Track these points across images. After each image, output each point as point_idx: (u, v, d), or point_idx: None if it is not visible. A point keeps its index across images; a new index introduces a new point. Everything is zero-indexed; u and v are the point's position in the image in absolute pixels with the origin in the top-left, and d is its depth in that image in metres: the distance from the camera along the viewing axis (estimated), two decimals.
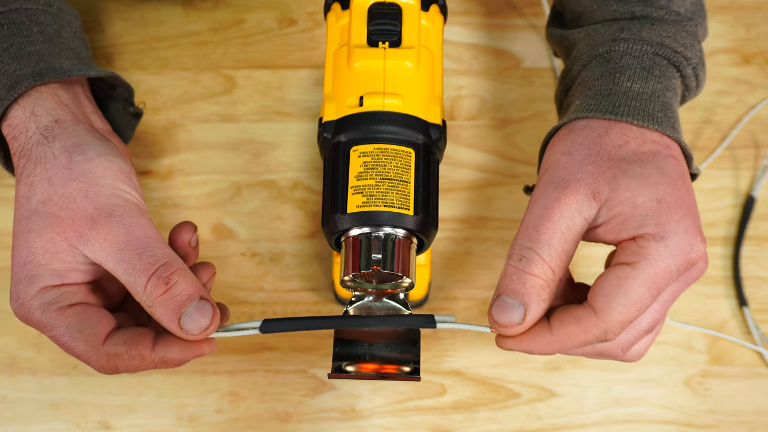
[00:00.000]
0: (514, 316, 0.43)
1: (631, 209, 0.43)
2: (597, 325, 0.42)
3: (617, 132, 0.46)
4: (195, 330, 0.44)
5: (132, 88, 0.57)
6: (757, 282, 0.65)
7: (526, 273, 0.43)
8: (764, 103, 0.69)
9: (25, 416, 0.62)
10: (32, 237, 0.45)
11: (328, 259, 0.65)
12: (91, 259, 0.45)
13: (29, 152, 0.48)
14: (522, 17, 0.72)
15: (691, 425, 0.62)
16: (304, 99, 0.69)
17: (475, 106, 0.70)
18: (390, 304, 0.48)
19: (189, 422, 0.62)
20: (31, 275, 0.45)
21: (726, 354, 0.63)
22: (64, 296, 0.45)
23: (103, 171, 0.47)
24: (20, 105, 0.49)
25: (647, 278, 0.42)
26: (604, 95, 0.48)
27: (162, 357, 0.45)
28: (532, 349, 0.44)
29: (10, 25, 0.51)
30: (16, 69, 0.50)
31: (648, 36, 0.50)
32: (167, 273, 0.44)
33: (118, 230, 0.45)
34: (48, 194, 0.46)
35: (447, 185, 0.67)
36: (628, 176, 0.44)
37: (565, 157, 0.45)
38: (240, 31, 0.71)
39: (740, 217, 0.67)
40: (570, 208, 0.43)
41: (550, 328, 0.43)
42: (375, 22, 0.49)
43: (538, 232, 0.43)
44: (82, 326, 0.44)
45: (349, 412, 0.62)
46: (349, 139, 0.46)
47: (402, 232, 0.45)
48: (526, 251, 0.43)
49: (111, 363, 0.45)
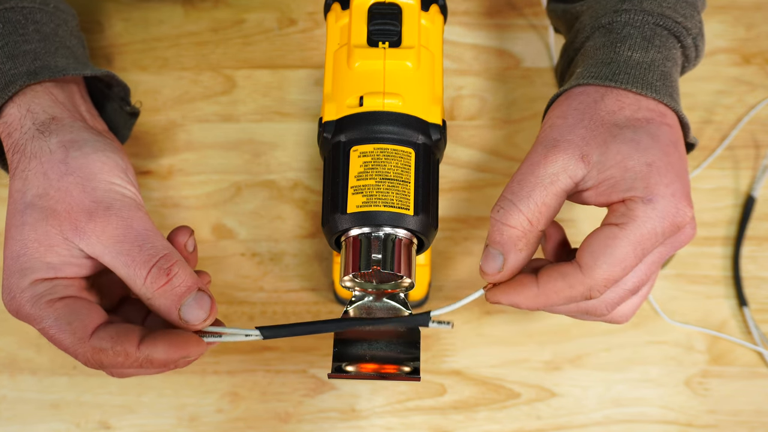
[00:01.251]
0: (495, 264, 0.45)
1: (621, 172, 0.44)
2: (582, 282, 0.44)
3: (613, 98, 0.47)
4: (195, 321, 0.44)
5: (128, 87, 0.57)
6: (757, 282, 0.65)
7: (503, 224, 0.45)
8: (764, 103, 0.69)
9: (25, 416, 0.62)
10: (26, 230, 0.45)
11: (328, 259, 0.65)
12: (86, 253, 0.45)
13: (23, 147, 0.48)
14: (522, 17, 0.72)
15: (691, 425, 0.62)
16: (304, 99, 0.69)
17: (475, 106, 0.70)
18: (390, 304, 0.48)
19: (189, 422, 0.62)
20: (24, 268, 0.45)
21: (726, 354, 0.63)
22: (55, 289, 0.45)
23: (100, 166, 0.47)
24: (16, 103, 0.49)
25: (633, 239, 0.43)
26: (605, 63, 0.49)
27: (147, 356, 0.44)
28: (519, 302, 0.45)
29: (5, 24, 0.51)
30: (11, 68, 0.50)
31: (649, 7, 0.51)
32: (167, 264, 0.44)
33: (117, 223, 0.45)
34: (44, 188, 0.46)
35: (447, 185, 0.67)
36: (619, 140, 0.44)
37: (560, 120, 0.46)
38: (240, 31, 0.71)
39: (740, 217, 0.66)
40: (556, 165, 0.45)
41: (536, 282, 0.45)
42: (375, 22, 0.49)
43: (521, 185, 0.45)
44: (70, 318, 0.44)
45: (349, 412, 0.62)
46: (349, 139, 0.46)
47: (402, 232, 0.45)
48: (506, 202, 0.45)
49: (96, 357, 0.44)
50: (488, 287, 0.47)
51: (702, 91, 0.70)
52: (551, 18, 0.61)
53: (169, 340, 0.44)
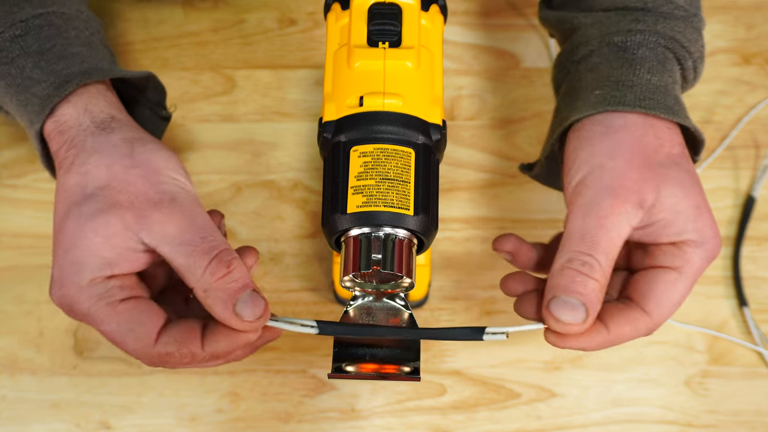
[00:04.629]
0: (578, 315, 0.45)
1: (672, 216, 0.46)
2: (648, 326, 0.47)
3: (652, 134, 0.48)
4: (250, 316, 0.44)
5: (165, 90, 0.57)
6: (757, 282, 0.65)
7: (589, 277, 0.45)
8: (764, 103, 0.69)
9: (25, 416, 0.62)
10: (83, 220, 0.45)
11: (328, 259, 0.65)
12: (145, 245, 0.45)
13: (82, 143, 0.47)
14: (522, 17, 0.72)
15: (691, 425, 0.62)
16: (304, 99, 0.69)
17: (475, 106, 0.70)
18: (390, 304, 0.48)
19: (189, 422, 0.62)
20: (78, 262, 0.44)
21: (726, 354, 0.63)
22: (113, 291, 0.44)
23: (165, 163, 0.47)
24: (71, 102, 0.49)
25: (690, 281, 0.47)
26: (627, 86, 0.49)
27: (212, 352, 0.44)
28: (589, 346, 0.47)
29: (50, 27, 0.51)
30: (63, 67, 0.50)
31: (662, 29, 0.51)
32: (228, 258, 0.44)
33: (181, 214, 0.45)
34: (107, 180, 0.46)
35: (447, 185, 0.67)
36: (670, 183, 0.46)
37: (610, 162, 0.47)
38: (240, 31, 0.71)
39: (740, 217, 0.67)
40: (621, 217, 0.46)
41: (606, 328, 0.46)
42: (375, 22, 0.49)
43: (596, 240, 0.46)
44: (132, 325, 0.44)
45: (349, 412, 0.62)
46: (349, 139, 0.46)
47: (402, 232, 0.45)
48: (587, 258, 0.46)
49: (162, 361, 0.44)
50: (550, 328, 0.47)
51: (702, 91, 0.70)
52: (544, 24, 0.60)
53: (227, 332, 0.44)
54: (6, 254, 0.65)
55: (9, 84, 0.50)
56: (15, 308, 0.64)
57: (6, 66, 0.50)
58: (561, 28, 0.57)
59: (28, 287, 0.64)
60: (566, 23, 0.56)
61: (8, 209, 0.66)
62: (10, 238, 0.65)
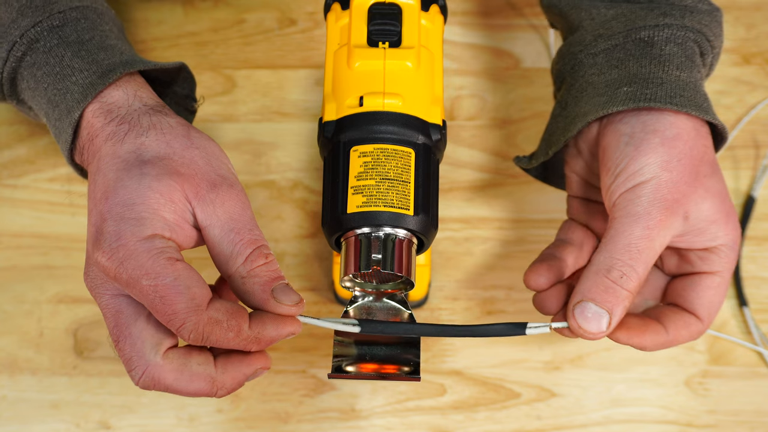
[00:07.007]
0: (602, 325, 0.46)
1: (707, 224, 0.48)
2: (700, 331, 0.50)
3: (701, 144, 0.49)
4: (288, 301, 0.44)
5: (195, 81, 0.57)
6: (757, 282, 0.65)
7: (624, 289, 0.46)
8: (764, 103, 0.69)
9: (25, 416, 0.62)
10: (146, 180, 0.44)
11: (328, 259, 0.65)
12: (198, 221, 0.45)
13: (137, 120, 0.47)
14: (522, 17, 0.72)
15: (691, 425, 0.62)
16: (304, 99, 0.69)
17: (475, 106, 0.70)
18: (390, 304, 0.48)
19: (189, 422, 0.62)
20: (140, 217, 0.43)
21: (726, 354, 0.63)
22: (172, 249, 0.44)
23: (219, 151, 0.48)
24: (120, 88, 0.49)
25: (729, 279, 0.50)
26: (657, 83, 0.49)
27: (257, 334, 0.44)
28: (648, 346, 0.49)
29: (85, 20, 0.51)
30: (105, 58, 0.50)
31: (690, 23, 0.51)
32: (267, 251, 0.45)
33: (236, 201, 0.45)
34: (166, 153, 0.46)
35: (447, 185, 0.67)
36: (710, 193, 0.48)
37: (666, 174, 0.47)
38: (240, 31, 0.71)
39: (740, 217, 0.66)
40: (668, 230, 0.47)
41: (666, 331, 0.49)
42: (375, 22, 0.49)
43: (639, 251, 0.46)
44: (191, 282, 0.43)
45: (349, 412, 0.62)
46: (349, 139, 0.46)
47: (402, 232, 0.45)
48: (627, 269, 0.46)
49: (208, 329, 0.43)
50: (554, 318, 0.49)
51: None
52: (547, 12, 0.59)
53: (274, 317, 0.45)
54: (6, 254, 0.65)
55: (47, 73, 0.50)
56: (15, 308, 0.64)
57: (44, 55, 0.50)
58: (573, 16, 0.55)
59: (28, 287, 0.64)
60: (581, 11, 0.55)
61: (8, 209, 0.66)
62: (10, 238, 0.65)
